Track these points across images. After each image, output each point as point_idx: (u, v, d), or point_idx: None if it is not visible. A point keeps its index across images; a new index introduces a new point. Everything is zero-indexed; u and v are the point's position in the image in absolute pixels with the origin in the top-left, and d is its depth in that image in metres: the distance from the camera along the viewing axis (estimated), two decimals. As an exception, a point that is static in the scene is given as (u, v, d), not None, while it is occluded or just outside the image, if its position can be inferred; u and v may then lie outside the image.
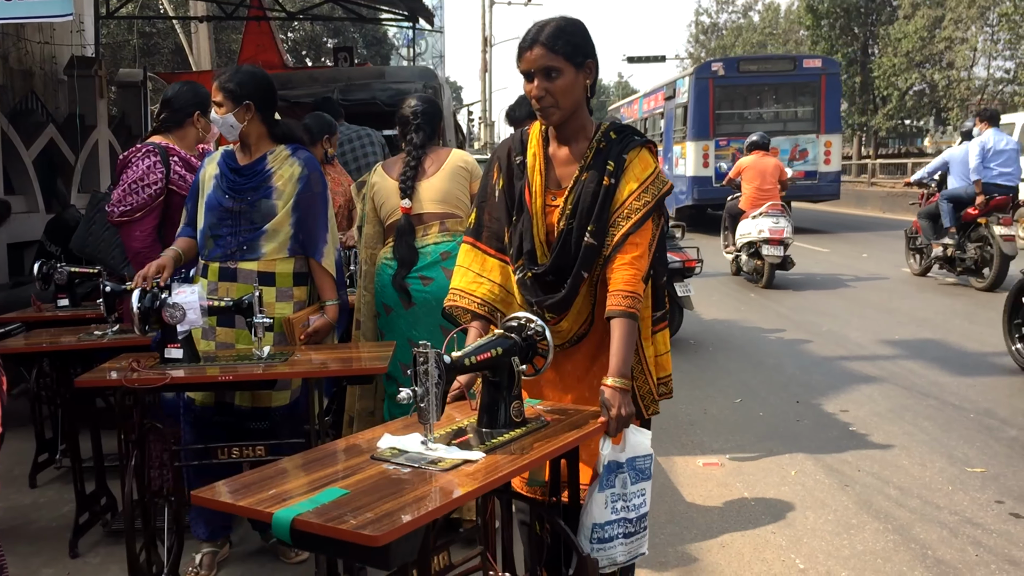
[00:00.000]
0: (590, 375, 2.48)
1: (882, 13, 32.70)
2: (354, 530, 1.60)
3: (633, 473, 2.27)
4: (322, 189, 3.44)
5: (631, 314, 2.28)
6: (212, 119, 3.35)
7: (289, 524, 1.65)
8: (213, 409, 3.39)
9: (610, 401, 2.21)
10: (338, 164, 5.48)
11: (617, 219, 2.36)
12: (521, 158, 2.49)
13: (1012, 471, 4.39)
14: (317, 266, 3.41)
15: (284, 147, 3.40)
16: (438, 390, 1.97)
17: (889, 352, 7.03)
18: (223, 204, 3.33)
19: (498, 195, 2.51)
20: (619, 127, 2.48)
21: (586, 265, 2.36)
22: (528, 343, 2.19)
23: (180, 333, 3.02)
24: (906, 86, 30.25)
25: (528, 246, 2.41)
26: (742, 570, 3.46)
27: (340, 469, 1.94)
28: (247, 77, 3.32)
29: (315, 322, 3.38)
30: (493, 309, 2.48)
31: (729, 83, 16.66)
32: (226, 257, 3.33)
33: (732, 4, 54.48)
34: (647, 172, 2.40)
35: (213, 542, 3.46)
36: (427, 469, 1.91)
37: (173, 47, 21.11)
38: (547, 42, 2.31)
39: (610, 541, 2.24)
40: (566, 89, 2.33)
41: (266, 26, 11.56)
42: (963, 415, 5.33)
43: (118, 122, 9.33)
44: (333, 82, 7.04)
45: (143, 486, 3.12)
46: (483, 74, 40.00)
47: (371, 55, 28.78)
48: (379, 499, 1.75)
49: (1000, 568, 3.39)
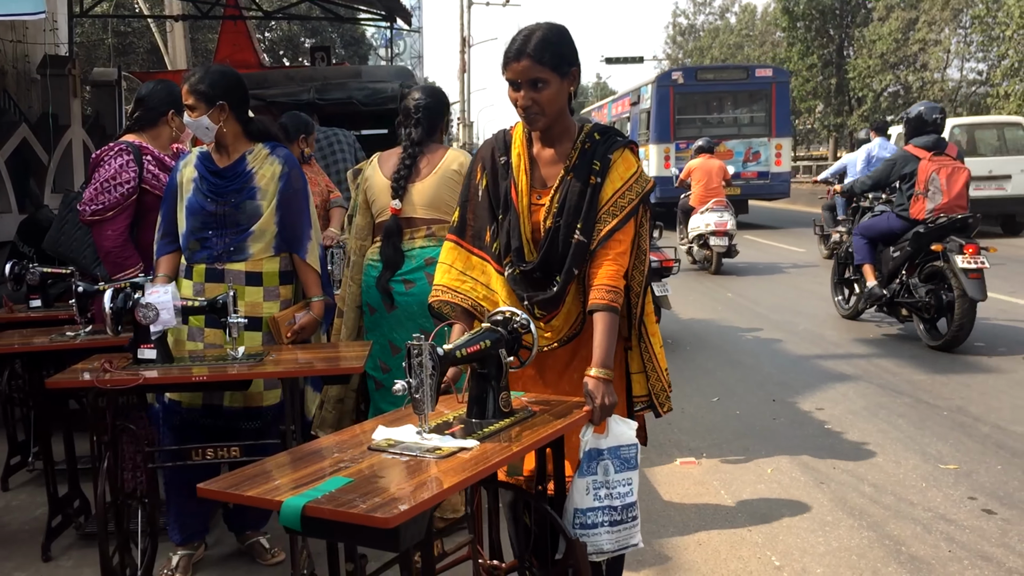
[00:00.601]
0: (570, 370, 2.57)
1: (857, 15, 33.00)
2: (366, 514, 1.66)
3: (617, 462, 2.33)
4: (302, 185, 3.42)
5: (613, 308, 2.37)
6: (185, 122, 3.29)
7: (300, 511, 1.70)
8: (200, 411, 3.35)
9: (594, 391, 2.29)
10: (315, 164, 5.46)
11: (603, 216, 2.44)
12: (505, 158, 2.55)
13: (985, 468, 4.44)
14: (302, 263, 3.39)
15: (262, 145, 3.37)
16: (432, 381, 2.03)
17: (864, 351, 7.09)
18: (206, 208, 3.29)
19: (481, 194, 2.58)
20: (602, 128, 2.56)
21: (577, 262, 2.44)
22: (513, 336, 2.26)
23: (153, 333, 2.99)
24: (881, 87, 30.56)
25: (516, 244, 2.48)
26: (718, 567, 3.47)
27: (339, 459, 1.99)
28: (219, 77, 3.27)
29: (301, 319, 3.36)
30: (476, 305, 2.55)
31: (688, 90, 18.12)
32: (213, 259, 3.31)
33: (709, 6, 54.90)
34: (630, 171, 2.49)
35: (189, 545, 3.43)
36: (425, 457, 1.97)
37: (148, 46, 20.95)
38: (534, 54, 2.37)
39: (594, 528, 2.30)
40: (552, 98, 2.41)
41: (242, 25, 11.50)
42: (937, 413, 5.38)
43: (92, 122, 9.24)
44: (310, 81, 7.01)
45: (116, 488, 3.08)
46: (461, 74, 39.99)
47: (349, 55, 28.69)
48: (384, 485, 1.82)
49: (972, 563, 3.43)
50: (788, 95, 19.08)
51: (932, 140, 6.99)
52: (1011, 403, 5.50)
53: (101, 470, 3.01)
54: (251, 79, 6.91)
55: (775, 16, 36.60)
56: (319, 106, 6.56)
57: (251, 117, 3.42)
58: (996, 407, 5.43)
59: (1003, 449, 4.70)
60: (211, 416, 3.35)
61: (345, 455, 2.02)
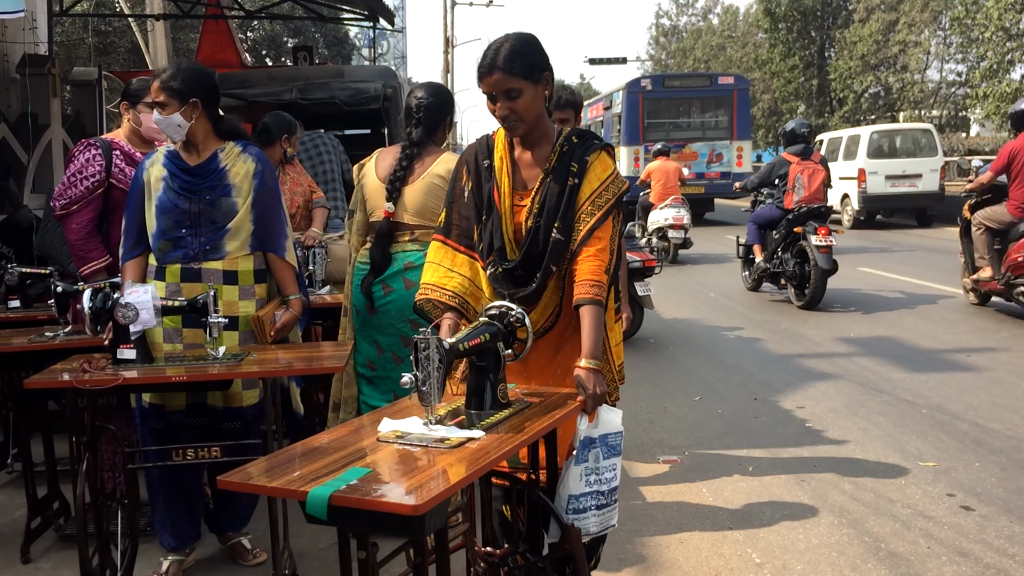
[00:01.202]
0: (553, 364, 2.67)
1: (838, 17, 33.16)
2: (394, 501, 1.71)
3: (605, 449, 2.43)
4: (275, 184, 3.40)
5: (598, 301, 2.47)
6: (156, 120, 3.24)
7: (326, 501, 1.74)
8: (185, 412, 3.33)
9: (586, 381, 2.38)
10: (298, 164, 5.44)
11: (581, 215, 2.55)
12: (488, 161, 2.66)
13: (963, 465, 4.48)
14: (279, 260, 3.38)
15: (233, 144, 3.35)
16: (439, 374, 2.10)
17: (844, 350, 7.15)
18: (179, 206, 3.26)
19: (467, 196, 2.69)
20: (580, 132, 2.68)
21: (555, 259, 2.54)
22: (509, 330, 2.35)
23: (133, 333, 2.98)
24: (862, 88, 30.74)
25: (498, 243, 2.59)
26: (700, 565, 3.49)
27: (352, 452, 2.03)
28: (190, 74, 3.23)
29: (282, 317, 3.35)
30: (464, 302, 2.64)
31: (656, 96, 19.45)
32: (189, 258, 3.27)
33: (692, 7, 55.06)
34: (607, 172, 2.60)
35: (180, 551, 3.41)
36: (436, 447, 2.04)
37: (130, 46, 20.79)
38: (504, 65, 2.48)
39: (584, 512, 2.40)
40: (528, 105, 2.53)
41: (224, 25, 11.45)
42: (916, 411, 5.43)
43: (72, 121, 9.17)
44: (292, 81, 7.00)
45: (96, 489, 3.07)
46: (445, 75, 39.92)
47: (332, 55, 28.60)
48: (403, 474, 1.88)
49: (951, 559, 3.46)
50: (748, 101, 20.69)
51: (800, 148, 9.03)
52: (989, 401, 5.55)
53: (80, 471, 2.99)
54: (233, 79, 6.92)
55: (757, 17, 36.71)
56: (302, 106, 6.54)
57: (221, 115, 3.38)
58: (974, 405, 5.48)
59: (981, 446, 4.74)
60: (196, 415, 3.34)
61: (355, 447, 2.07)
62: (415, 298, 2.70)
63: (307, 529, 3.81)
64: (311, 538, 3.73)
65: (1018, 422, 5.12)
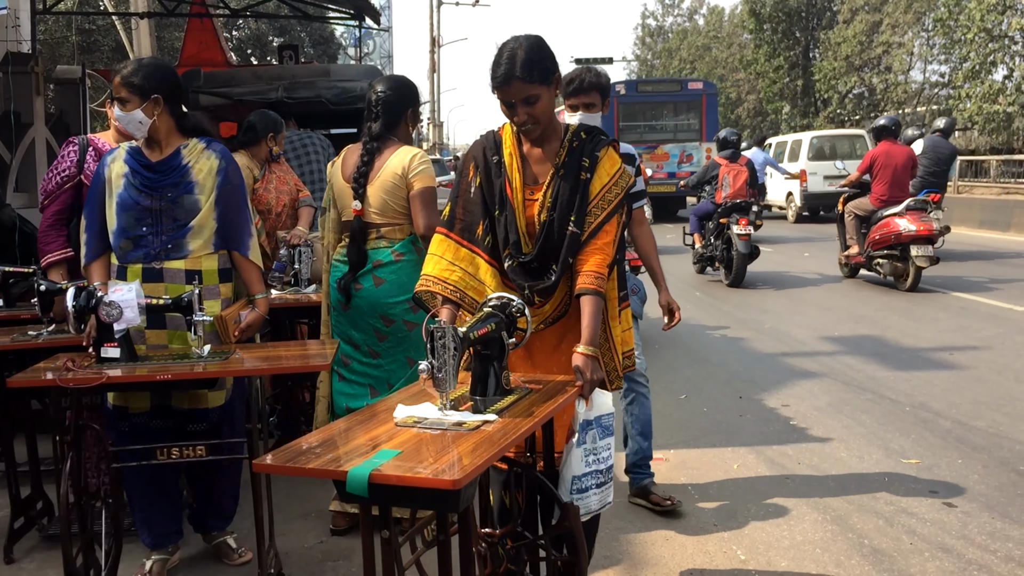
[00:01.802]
0: (557, 352, 2.76)
1: (822, 18, 33.33)
2: (433, 477, 1.81)
3: (600, 430, 2.54)
4: (240, 181, 3.35)
5: (599, 292, 2.59)
6: (117, 116, 3.20)
7: (367, 479, 1.82)
8: (149, 414, 3.29)
9: (583, 367, 2.49)
10: (284, 162, 5.42)
11: (592, 209, 2.65)
12: (498, 157, 2.72)
13: (945, 462, 4.52)
14: (243, 260, 3.33)
15: (197, 140, 3.29)
16: (454, 361, 2.19)
17: (829, 348, 7.19)
18: (140, 203, 3.19)
19: (474, 191, 2.74)
20: (587, 128, 2.77)
21: (572, 252, 2.63)
22: (511, 319, 2.44)
23: (117, 332, 2.96)
24: (846, 89, 30.90)
25: (513, 237, 2.67)
26: (685, 562, 3.51)
27: (374, 436, 2.11)
28: (153, 70, 3.18)
29: (247, 317, 3.32)
30: (463, 295, 2.70)
31: (630, 100, 20.19)
32: (150, 258, 3.22)
33: (677, 8, 55.19)
34: (615, 167, 2.71)
35: (162, 549, 3.39)
36: (455, 430, 2.14)
37: (113, 44, 20.67)
38: (523, 74, 2.55)
39: (586, 491, 2.51)
40: (544, 108, 2.62)
41: (209, 23, 11.40)
42: (899, 408, 5.47)
43: (56, 120, 9.11)
44: (278, 80, 6.97)
45: (79, 489, 3.05)
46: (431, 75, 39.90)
47: (318, 55, 28.51)
48: (433, 454, 1.97)
49: (933, 555, 3.49)
50: (716, 105, 22.00)
51: (730, 153, 10.67)
52: (972, 399, 5.60)
53: (64, 471, 2.97)
54: (219, 77, 6.89)
55: (742, 18, 36.83)
56: (288, 105, 6.52)
57: (185, 112, 3.33)
58: (957, 403, 5.52)
59: (963, 444, 4.78)
60: (161, 417, 3.29)
61: (376, 432, 2.14)
62: (415, 288, 2.77)
63: (293, 528, 3.81)
64: (297, 537, 3.73)
65: (1000, 420, 5.16)
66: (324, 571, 3.46)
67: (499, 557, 2.56)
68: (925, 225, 9.28)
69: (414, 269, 3.45)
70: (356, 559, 3.53)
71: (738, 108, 42.28)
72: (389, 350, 3.59)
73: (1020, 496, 4.05)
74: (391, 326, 3.55)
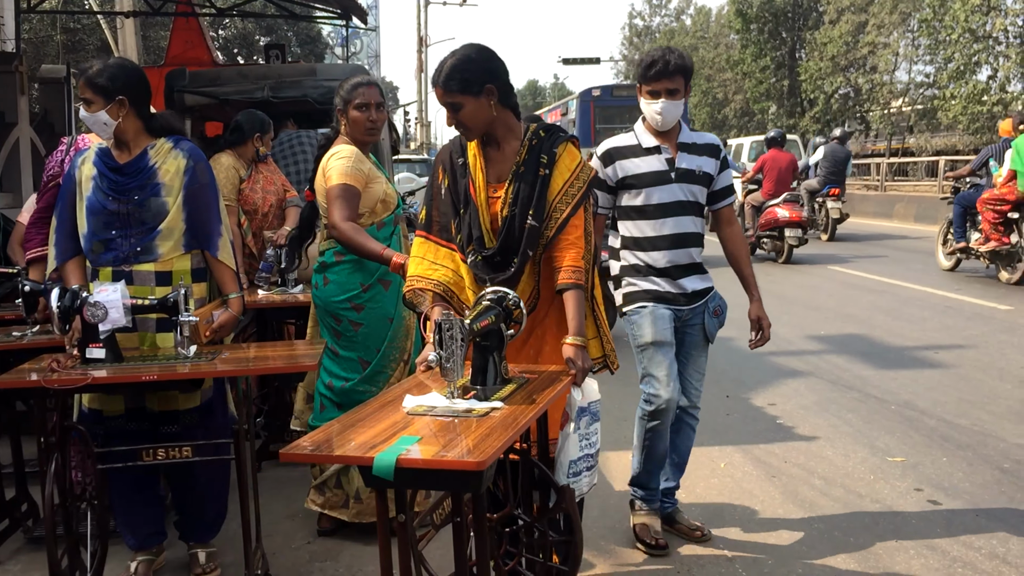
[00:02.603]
0: (526, 347, 2.89)
1: (809, 18, 33.45)
2: (458, 459, 1.93)
3: (589, 416, 2.66)
4: (209, 179, 3.29)
5: (580, 286, 2.73)
6: (82, 117, 3.14)
7: (393, 464, 1.93)
8: (124, 417, 3.26)
9: (574, 357, 2.66)
10: (272, 163, 5.40)
11: (557, 204, 2.78)
12: (463, 160, 2.86)
13: (931, 460, 4.54)
14: (214, 260, 3.28)
15: (165, 139, 3.23)
16: (461, 352, 2.31)
17: (815, 347, 7.22)
18: (107, 207, 3.14)
19: (444, 193, 2.89)
20: (546, 126, 2.89)
21: (531, 244, 2.76)
22: (507, 312, 2.55)
23: (102, 332, 2.94)
24: (832, 89, 31.01)
25: (477, 233, 2.80)
26: (671, 560, 3.51)
27: (391, 424, 2.21)
28: (118, 70, 3.12)
29: (220, 317, 3.27)
30: (448, 290, 2.86)
31: (605, 104, 20.73)
32: (119, 261, 3.17)
33: (665, 8, 55.34)
34: (575, 163, 2.83)
35: (147, 550, 3.36)
36: (466, 416, 2.25)
37: (99, 43, 20.55)
38: (443, 83, 2.71)
39: (579, 475, 2.62)
40: (470, 116, 2.74)
41: (195, 22, 11.35)
42: (885, 407, 5.50)
43: (40, 119, 9.06)
44: (264, 79, 6.93)
45: (64, 490, 3.03)
46: (419, 74, 39.86)
47: (305, 54, 28.44)
48: (451, 439, 2.09)
49: (919, 553, 3.51)
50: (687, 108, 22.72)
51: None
52: (956, 397, 5.63)
53: (49, 472, 2.95)
54: (204, 77, 6.84)
55: (729, 18, 36.92)
56: (274, 104, 6.49)
57: (153, 113, 3.27)
58: (942, 401, 5.56)
59: (948, 442, 4.81)
60: (136, 420, 3.26)
61: (391, 420, 2.24)
62: (403, 290, 2.90)
63: (279, 528, 3.80)
64: (284, 538, 3.72)
65: (984, 418, 5.20)
66: (311, 572, 3.45)
67: (496, 540, 2.65)
68: (796, 213, 12.01)
69: (354, 270, 3.54)
70: (343, 559, 3.52)
71: (725, 108, 42.41)
72: (345, 349, 3.61)
73: (1004, 494, 4.08)
74: (341, 325, 3.58)
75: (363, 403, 2.47)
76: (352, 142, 3.61)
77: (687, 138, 3.57)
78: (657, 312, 3.51)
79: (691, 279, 3.56)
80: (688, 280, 3.55)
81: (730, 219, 3.70)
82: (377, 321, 3.55)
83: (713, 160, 3.56)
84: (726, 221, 3.70)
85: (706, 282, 3.65)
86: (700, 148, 3.55)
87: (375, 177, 3.59)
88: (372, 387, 3.57)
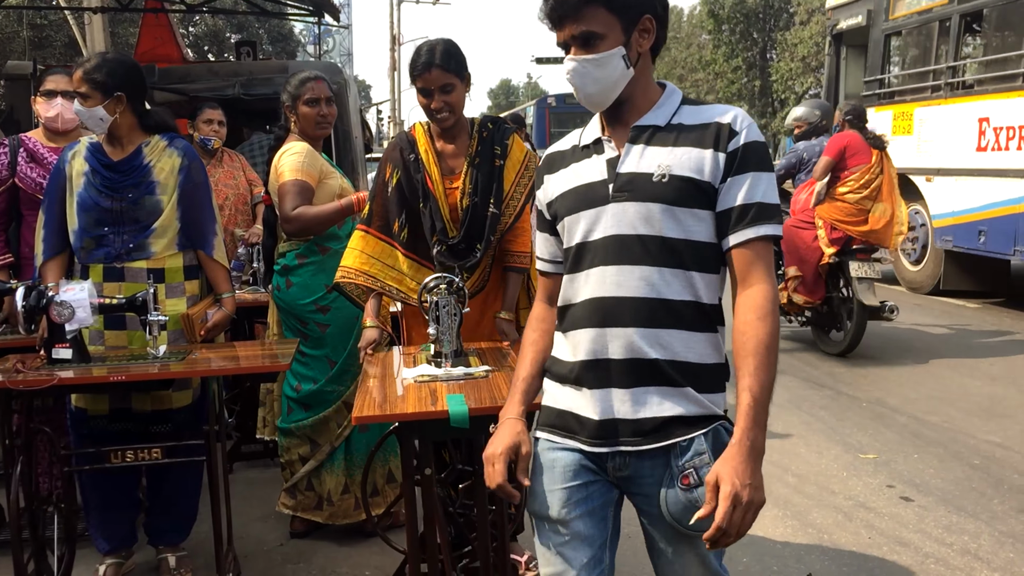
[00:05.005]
0: (483, 323, 3.07)
1: (780, 19, 33.75)
2: None
3: None
4: (203, 179, 3.28)
5: (521, 268, 3.04)
6: (76, 111, 3.10)
7: (467, 413, 2.20)
8: (108, 417, 3.21)
9: (507, 329, 3.00)
10: (239, 158, 5.34)
11: (512, 193, 2.99)
12: (414, 155, 2.97)
13: (902, 457, 4.58)
14: (208, 259, 3.26)
15: (159, 137, 3.20)
16: (455, 325, 2.60)
17: (787, 345, 7.25)
18: (100, 204, 3.10)
19: (391, 190, 2.99)
20: (491, 119, 3.12)
21: (493, 230, 2.94)
22: (460, 295, 2.72)
23: (69, 332, 2.89)
24: (803, 90, 31.31)
25: (439, 224, 2.92)
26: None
27: (433, 390, 2.41)
28: (116, 66, 3.07)
29: (213, 316, 3.26)
30: (385, 286, 3.02)
31: (560, 111, 21.99)
32: (111, 258, 3.13)
33: (638, 8, 55.48)
34: (523, 153, 3.05)
35: (117, 554, 3.30)
36: (470, 379, 2.50)
37: (66, 40, 20.25)
38: (442, 63, 2.82)
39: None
40: (459, 99, 2.90)
41: (164, 19, 11.18)
42: (857, 404, 5.54)
43: (6, 116, 8.91)
44: (235, 76, 6.85)
45: (30, 494, 2.97)
46: (392, 73, 39.69)
47: (276, 52, 28.22)
48: (484, 395, 2.33)
49: (892, 549, 3.53)
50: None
51: None
52: (927, 394, 5.69)
53: (14, 475, 2.89)
54: (174, 74, 6.76)
55: (701, 19, 37.20)
56: (245, 102, 6.42)
57: (148, 109, 3.24)
58: (913, 398, 5.61)
59: (919, 438, 4.86)
60: (120, 421, 3.21)
61: (414, 389, 2.43)
62: (336, 277, 3.04)
63: (251, 532, 3.75)
64: (255, 540, 3.68)
65: (954, 414, 5.25)
66: (284, 574, 3.41)
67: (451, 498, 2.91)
68: None
69: (317, 271, 3.52)
70: (316, 561, 3.49)
71: (697, 108, 42.58)
72: (313, 348, 3.57)
73: (974, 490, 4.12)
74: (307, 327, 3.55)
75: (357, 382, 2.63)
76: (304, 138, 3.56)
77: (659, 117, 1.79)
78: (549, 457, 1.85)
79: (634, 395, 1.78)
80: (624, 395, 1.77)
81: (746, 271, 1.82)
82: (344, 320, 3.50)
83: (708, 152, 1.73)
84: (739, 275, 1.84)
85: (685, 406, 1.85)
86: (685, 132, 1.76)
87: (329, 172, 3.54)
88: (340, 386, 3.54)
